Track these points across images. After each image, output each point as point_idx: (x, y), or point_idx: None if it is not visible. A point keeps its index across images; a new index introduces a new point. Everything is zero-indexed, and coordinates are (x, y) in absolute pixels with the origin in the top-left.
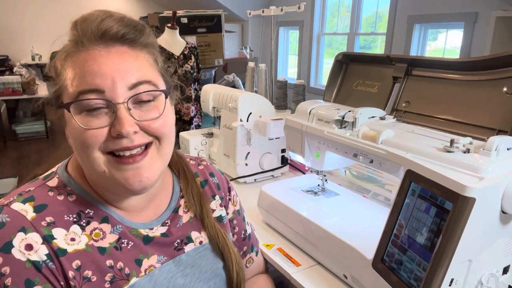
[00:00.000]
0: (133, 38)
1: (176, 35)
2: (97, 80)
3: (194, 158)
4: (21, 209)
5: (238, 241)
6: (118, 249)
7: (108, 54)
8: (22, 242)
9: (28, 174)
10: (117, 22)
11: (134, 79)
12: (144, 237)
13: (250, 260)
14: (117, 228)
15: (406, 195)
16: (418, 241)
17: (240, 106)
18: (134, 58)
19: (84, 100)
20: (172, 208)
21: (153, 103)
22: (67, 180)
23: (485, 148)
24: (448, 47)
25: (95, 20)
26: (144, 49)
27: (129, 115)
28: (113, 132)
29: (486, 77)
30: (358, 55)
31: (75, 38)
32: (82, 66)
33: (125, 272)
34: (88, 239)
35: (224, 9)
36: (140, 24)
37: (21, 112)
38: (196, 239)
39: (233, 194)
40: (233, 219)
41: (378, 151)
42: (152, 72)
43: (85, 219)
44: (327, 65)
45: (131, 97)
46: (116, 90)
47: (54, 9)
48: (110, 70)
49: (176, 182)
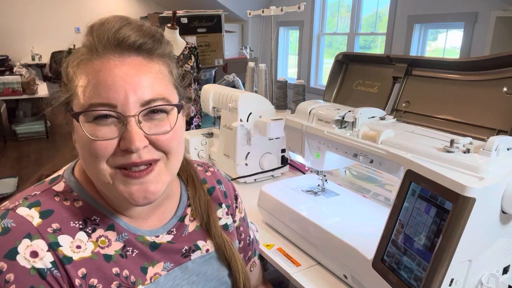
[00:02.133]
0: (150, 48)
1: (176, 35)
2: (110, 94)
3: (202, 164)
4: (27, 214)
5: (244, 248)
6: (124, 257)
7: (122, 64)
8: (28, 249)
9: (28, 175)
10: (135, 31)
11: (148, 96)
12: (151, 243)
13: (253, 264)
14: (122, 236)
15: (406, 195)
16: (418, 241)
17: (240, 106)
18: (149, 71)
19: (94, 111)
20: (178, 216)
21: (165, 115)
22: (73, 185)
23: (485, 148)
24: (448, 47)
25: (112, 28)
26: (160, 60)
27: (139, 129)
28: (122, 145)
29: (486, 77)
30: (358, 55)
31: (90, 44)
32: (96, 75)
33: (131, 280)
34: (94, 247)
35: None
36: (159, 33)
37: (21, 112)
38: (203, 247)
39: (239, 201)
40: (239, 226)
41: (378, 151)
42: (166, 87)
43: (91, 226)
44: (327, 65)
45: (142, 111)
46: (128, 105)
47: (54, 9)
48: (124, 84)
49: (184, 190)
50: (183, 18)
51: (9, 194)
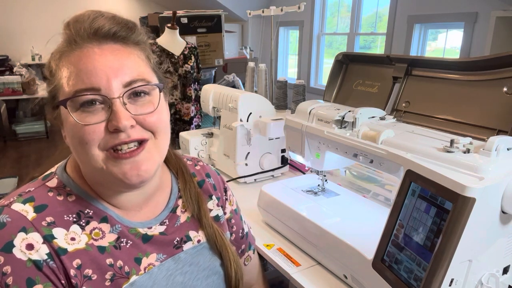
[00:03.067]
0: (125, 35)
1: (176, 35)
2: (92, 79)
3: (191, 158)
4: (21, 209)
5: (236, 240)
6: (118, 248)
7: (101, 51)
8: (23, 242)
9: (28, 175)
10: (109, 20)
11: (128, 77)
12: (143, 236)
13: (248, 258)
14: (116, 227)
15: (406, 195)
16: (418, 241)
17: (240, 106)
18: (127, 55)
19: (80, 96)
20: (170, 208)
21: (148, 97)
22: (66, 181)
23: (485, 148)
24: (448, 47)
25: (87, 19)
26: (137, 46)
27: (125, 109)
28: (110, 126)
29: (486, 77)
30: (358, 55)
31: (68, 37)
32: (77, 64)
33: (125, 270)
34: (88, 239)
35: (224, 9)
36: (131, 22)
37: (21, 112)
38: (195, 238)
39: (229, 194)
40: (230, 218)
41: (378, 151)
42: (145, 69)
43: (85, 219)
44: (327, 65)
45: (126, 92)
46: (111, 87)
47: (54, 9)
48: (105, 68)
49: (175, 182)
50: (183, 18)
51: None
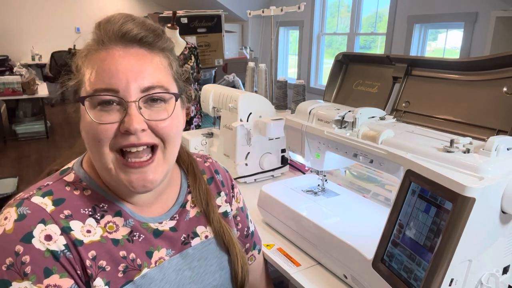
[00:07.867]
0: (151, 41)
1: (176, 35)
2: (112, 80)
3: (201, 155)
4: (40, 202)
5: (241, 238)
6: (130, 241)
7: (126, 54)
8: (42, 233)
9: (28, 175)
10: (138, 25)
11: (147, 83)
12: (154, 230)
13: (252, 258)
14: (129, 222)
15: (406, 195)
16: (418, 241)
17: (240, 106)
18: (150, 61)
19: (98, 95)
20: (180, 203)
21: (164, 104)
22: (82, 176)
23: (485, 148)
24: (448, 47)
25: (117, 22)
26: (161, 53)
27: (139, 113)
28: (122, 128)
29: (486, 77)
30: (358, 55)
31: (97, 37)
32: (101, 64)
33: (137, 263)
34: (102, 231)
35: (224, 9)
36: (160, 29)
37: (21, 112)
38: (202, 234)
39: (236, 191)
40: (236, 215)
41: (378, 151)
42: (165, 77)
43: (100, 213)
44: (327, 65)
45: (143, 97)
46: (129, 91)
47: (54, 9)
48: (125, 71)
49: (184, 178)
50: (183, 18)
51: (10, 194)
